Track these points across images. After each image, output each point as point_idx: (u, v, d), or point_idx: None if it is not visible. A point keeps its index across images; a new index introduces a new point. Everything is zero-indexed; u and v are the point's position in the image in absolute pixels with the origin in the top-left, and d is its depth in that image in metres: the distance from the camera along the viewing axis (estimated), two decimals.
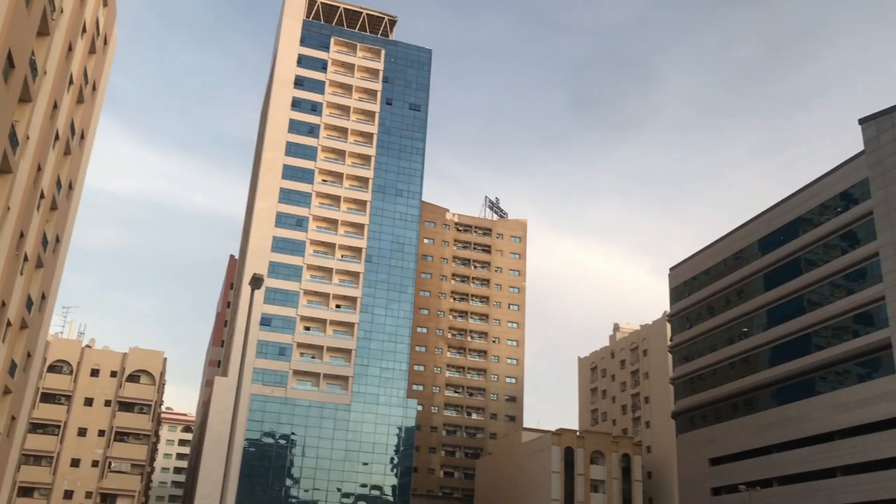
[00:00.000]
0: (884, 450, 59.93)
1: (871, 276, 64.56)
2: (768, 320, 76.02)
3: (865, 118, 66.25)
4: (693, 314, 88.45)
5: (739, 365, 79.41)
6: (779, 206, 76.92)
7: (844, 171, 69.11)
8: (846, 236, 68.27)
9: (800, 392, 70.55)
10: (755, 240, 79.56)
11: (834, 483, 64.86)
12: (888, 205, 62.80)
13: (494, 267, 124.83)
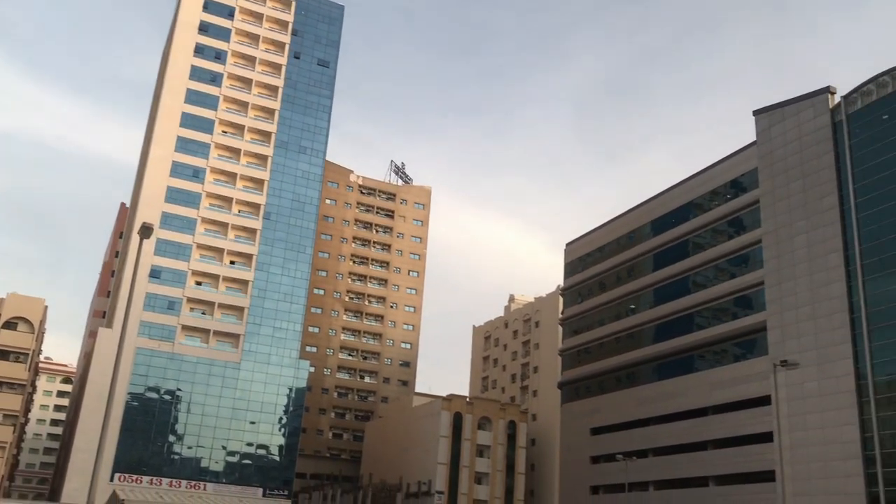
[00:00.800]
0: (751, 426, 63.53)
1: (752, 262, 67.85)
2: (655, 299, 78.96)
3: (759, 110, 69.10)
4: (585, 289, 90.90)
5: (625, 340, 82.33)
6: (672, 190, 79.62)
7: (736, 159, 72.03)
8: (733, 222, 71.41)
9: (679, 368, 73.80)
10: (648, 221, 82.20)
11: (705, 455, 68.42)
12: (774, 195, 65.91)
13: (396, 232, 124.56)
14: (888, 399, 54.68)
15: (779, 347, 61.22)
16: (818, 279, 60.49)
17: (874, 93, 60.00)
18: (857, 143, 60.25)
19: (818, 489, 56.52)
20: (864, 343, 56.38)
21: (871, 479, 53.93)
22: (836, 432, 56.50)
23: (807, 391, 58.96)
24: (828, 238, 60.53)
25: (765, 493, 60.34)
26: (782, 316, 62.54)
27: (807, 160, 63.65)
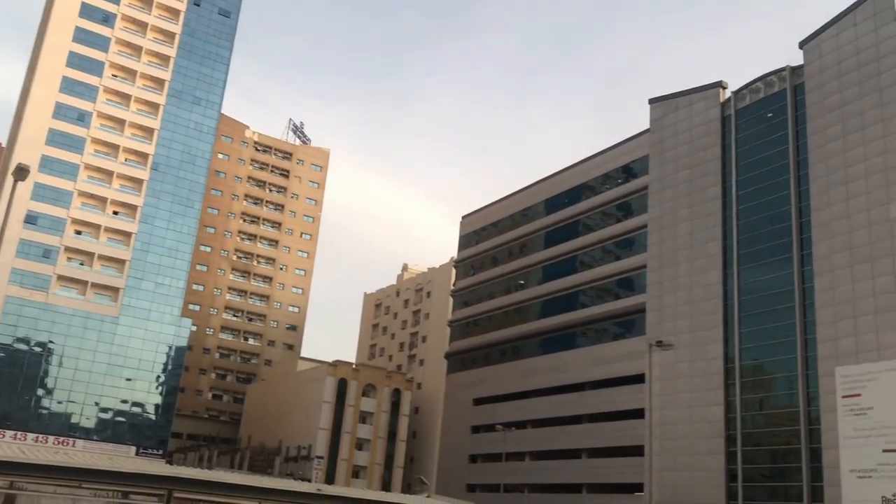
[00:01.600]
0: (625, 402, 66.25)
1: (637, 246, 70.36)
2: (544, 275, 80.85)
3: (654, 99, 71.27)
4: (478, 262, 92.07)
5: (513, 314, 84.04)
6: (567, 171, 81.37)
7: (630, 145, 74.22)
8: (622, 206, 73.74)
9: (562, 344, 76.03)
10: (542, 199, 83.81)
11: (580, 429, 70.98)
12: (662, 182, 68.34)
13: (291, 193, 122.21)
14: (752, 382, 58.07)
15: (656, 329, 63.88)
16: (697, 266, 63.30)
17: (762, 91, 62.86)
18: (743, 138, 63.10)
19: (683, 465, 59.61)
20: (734, 329, 59.53)
21: (731, 457, 57.29)
22: (703, 412, 59.61)
23: (679, 371, 61.88)
24: (709, 227, 63.33)
25: (633, 466, 63.16)
26: (661, 299, 65.22)
27: (695, 151, 66.20)
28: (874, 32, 54.96)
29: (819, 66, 58.30)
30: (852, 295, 52.01)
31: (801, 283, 56.10)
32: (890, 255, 50.51)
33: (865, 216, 52.55)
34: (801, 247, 56.87)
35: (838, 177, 54.88)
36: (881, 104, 53.41)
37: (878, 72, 54.11)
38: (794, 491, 53.17)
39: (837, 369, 51.65)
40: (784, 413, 55.74)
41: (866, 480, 48.38)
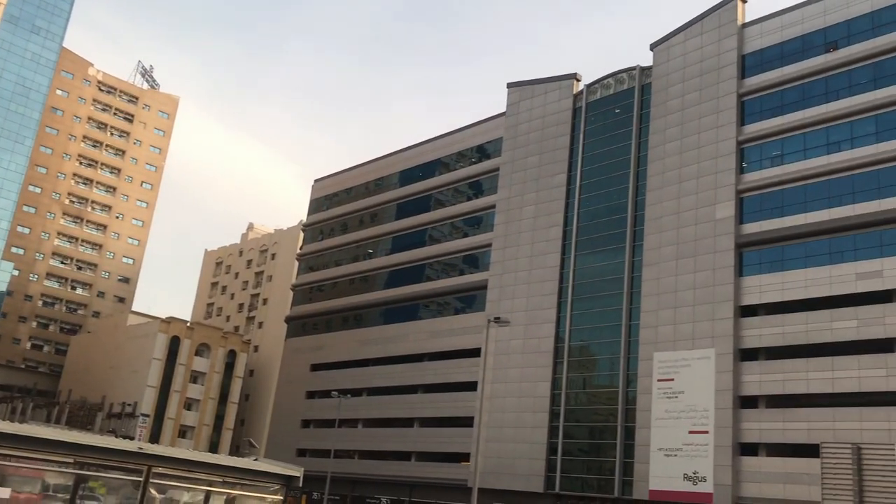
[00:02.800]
0: (459, 374, 68.10)
1: (484, 225, 72.14)
2: (392, 246, 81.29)
3: (512, 83, 72.98)
4: (327, 228, 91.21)
5: (358, 282, 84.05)
6: (424, 145, 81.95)
7: (486, 126, 75.66)
8: (473, 185, 75.24)
9: (405, 315, 76.91)
10: (397, 171, 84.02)
11: (415, 398, 72.32)
12: (513, 165, 70.29)
13: (134, 139, 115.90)
14: (579, 362, 61.26)
15: (495, 305, 65.94)
16: (538, 248, 65.76)
17: (612, 87, 65.79)
18: (591, 131, 65.89)
19: (509, 436, 62.14)
20: (566, 311, 62.44)
21: (553, 431, 60.31)
22: (531, 387, 62.30)
23: (512, 348, 64.27)
24: (552, 213, 65.86)
25: (461, 437, 65.18)
26: (502, 277, 67.35)
27: (546, 138, 68.48)
28: (717, 43, 58.75)
29: (666, 69, 61.68)
30: (675, 287, 55.80)
31: (631, 273, 59.56)
32: (712, 252, 54.52)
33: (694, 214, 56.37)
34: (633, 238, 60.29)
35: (673, 175, 58.49)
36: (717, 111, 57.29)
37: (717, 80, 57.95)
38: (608, 466, 56.76)
39: (656, 354, 55.39)
40: (605, 392, 59.24)
41: (672, 458, 52.38)
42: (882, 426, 44.13)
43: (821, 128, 52.30)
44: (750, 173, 54.99)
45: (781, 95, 54.84)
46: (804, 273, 50.36)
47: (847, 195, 49.87)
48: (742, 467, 49.56)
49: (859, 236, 48.70)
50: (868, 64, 50.95)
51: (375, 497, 73.23)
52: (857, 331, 46.94)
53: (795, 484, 46.20)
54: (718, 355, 52.05)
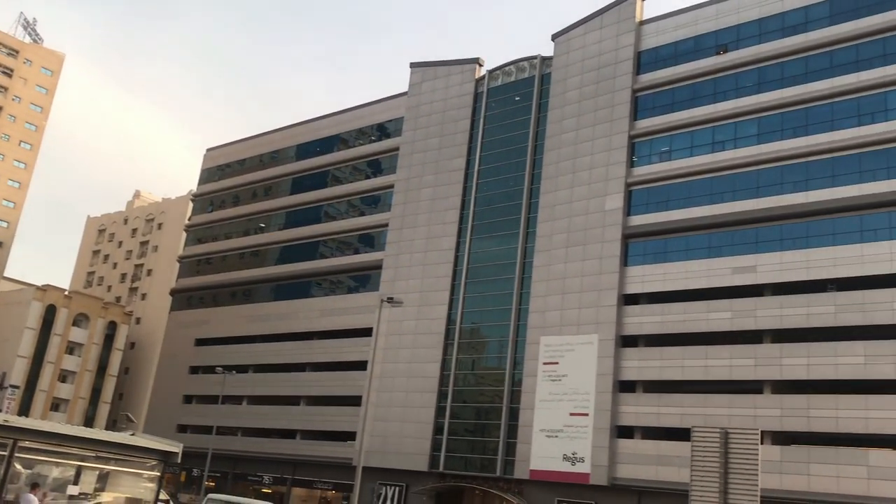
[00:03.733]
0: (349, 354, 67.83)
1: (382, 204, 71.88)
2: (286, 221, 79.87)
3: (416, 63, 72.79)
4: (218, 199, 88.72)
5: (249, 257, 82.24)
6: (323, 119, 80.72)
7: (387, 104, 75.20)
8: (372, 164, 74.77)
9: (296, 292, 75.86)
10: (294, 144, 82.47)
11: (302, 377, 71.58)
12: (412, 146, 70.23)
13: (13, 95, 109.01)
14: (468, 344, 62.12)
15: (389, 286, 65.93)
16: (434, 230, 66.08)
17: (513, 74, 66.59)
18: (491, 116, 66.55)
19: (396, 416, 62.46)
20: (459, 293, 63.12)
21: (440, 411, 61.02)
22: (421, 368, 62.75)
23: (404, 328, 64.50)
24: (450, 196, 66.27)
25: (348, 416, 65.06)
26: (398, 258, 67.37)
27: (447, 121, 68.72)
28: (615, 38, 60.33)
29: (566, 60, 62.89)
30: (564, 273, 57.27)
31: (523, 258, 60.70)
32: (600, 241, 56.20)
33: (585, 205, 57.92)
34: (527, 225, 61.44)
35: (567, 165, 59.86)
36: (612, 105, 58.91)
37: (613, 75, 59.55)
38: (492, 446, 57.94)
39: (542, 338, 56.78)
40: (492, 374, 60.34)
41: (553, 439, 53.95)
42: (749, 412, 46.82)
43: (707, 127, 54.62)
44: (639, 167, 56.91)
45: (673, 93, 56.90)
46: (684, 265, 52.65)
47: (728, 193, 52.35)
48: (618, 449, 51.57)
49: (737, 233, 51.26)
50: (753, 68, 53.50)
51: (257, 475, 72.26)
52: (731, 322, 49.51)
53: (667, 466, 48.45)
54: (601, 341, 53.84)
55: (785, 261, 48.61)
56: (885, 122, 47.22)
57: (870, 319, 44.59)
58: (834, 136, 48.79)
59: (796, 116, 50.86)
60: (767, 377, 47.40)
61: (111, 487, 22.30)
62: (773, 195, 50.26)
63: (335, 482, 66.84)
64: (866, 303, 44.87)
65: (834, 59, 50.22)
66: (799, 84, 51.12)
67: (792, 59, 51.91)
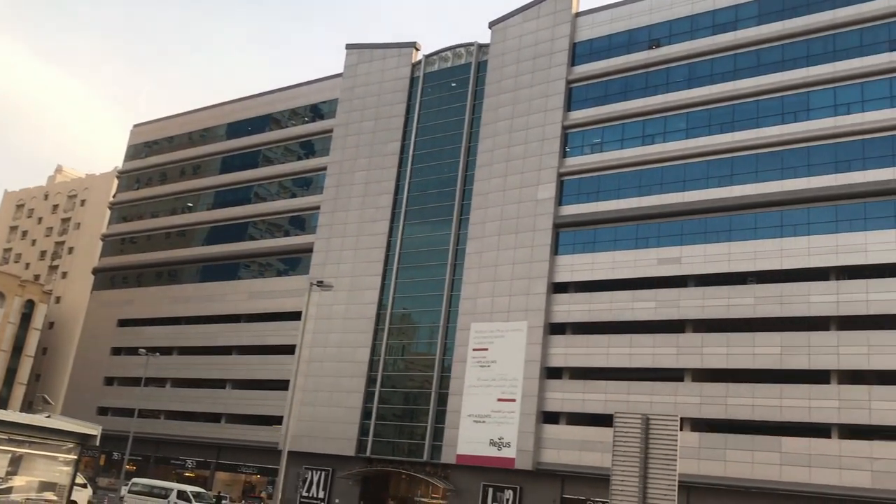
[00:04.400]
0: (277, 337, 67.05)
1: (314, 186, 71.04)
2: (215, 201, 78.24)
3: (352, 45, 71.99)
4: (145, 177, 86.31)
5: (176, 237, 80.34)
6: (256, 98, 79.19)
7: (322, 85, 74.21)
8: (305, 145, 73.79)
9: (224, 274, 74.47)
10: (225, 122, 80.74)
11: (229, 359, 70.43)
12: (347, 129, 69.54)
13: None
14: (399, 330, 62.07)
15: (320, 269, 65.32)
16: (367, 214, 65.69)
17: (450, 60, 66.50)
18: (426, 102, 66.35)
19: (324, 400, 62.08)
20: (391, 279, 62.96)
21: (369, 397, 60.91)
22: (350, 352, 62.45)
23: (334, 312, 64.03)
24: (383, 180, 65.92)
25: (275, 399, 64.38)
26: (329, 241, 66.76)
27: (382, 104, 68.24)
28: (552, 29, 60.79)
29: (502, 48, 63.11)
30: (496, 261, 57.69)
31: (456, 245, 60.89)
32: (532, 230, 56.76)
33: (518, 193, 58.38)
34: (460, 212, 61.61)
35: (501, 154, 60.18)
36: (546, 95, 59.41)
37: (549, 65, 60.04)
38: (419, 431, 58.15)
39: (473, 325, 57.16)
40: (422, 360, 60.48)
41: (480, 425, 54.46)
42: (670, 399, 48.13)
43: (638, 120, 55.63)
44: (571, 158, 57.63)
45: (606, 86, 57.72)
46: (612, 255, 53.65)
47: (656, 185, 53.49)
48: (543, 434, 52.39)
49: (663, 224, 52.45)
50: (684, 64, 54.66)
51: (180, 459, 70.97)
52: (655, 311, 50.71)
53: (590, 451, 49.46)
54: (530, 328, 54.50)
55: (708, 253, 50.00)
56: (807, 122, 48.89)
57: (787, 312, 46.26)
58: (758, 134, 50.29)
59: (723, 113, 52.22)
60: (688, 365, 48.77)
61: (24, 471, 21.52)
62: (699, 189, 51.56)
63: (260, 466, 66.18)
64: (784, 295, 46.55)
65: (761, 57, 51.70)
66: (727, 81, 52.48)
67: (721, 56, 53.23)
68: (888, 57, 47.00)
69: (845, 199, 46.42)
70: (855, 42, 48.45)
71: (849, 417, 43.13)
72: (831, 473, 42.72)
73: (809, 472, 43.31)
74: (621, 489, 21.69)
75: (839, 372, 44.20)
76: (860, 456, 42.29)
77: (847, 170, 46.72)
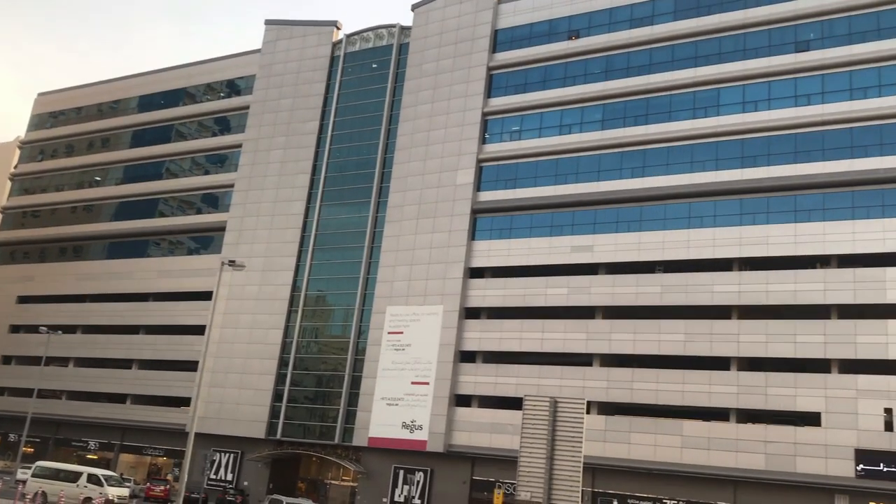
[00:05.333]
0: (186, 317, 65.46)
1: (228, 164, 69.46)
2: (124, 176, 75.63)
3: (271, 21, 70.47)
4: (50, 148, 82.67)
5: (82, 211, 77.33)
6: (171, 71, 76.74)
7: (239, 60, 72.45)
8: (220, 121, 71.98)
9: (132, 251, 72.18)
10: (137, 95, 78.01)
11: (136, 339, 68.40)
12: (264, 106, 68.15)
13: None
14: (313, 312, 61.47)
15: (233, 248, 63.98)
16: (283, 194, 64.64)
17: (371, 41, 65.87)
18: (347, 82, 65.60)
19: (234, 382, 61.02)
20: (306, 260, 62.23)
21: (281, 379, 60.19)
22: (262, 334, 61.51)
23: (247, 293, 62.91)
24: (301, 160, 64.95)
25: (183, 381, 62.95)
26: (243, 220, 65.45)
27: (301, 83, 67.12)
28: (474, 14, 60.89)
29: (425, 31, 62.88)
30: (413, 245, 57.69)
31: (374, 228, 60.61)
32: (450, 215, 56.97)
33: (437, 177, 58.46)
34: (379, 194, 61.31)
35: (421, 138, 60.09)
36: (467, 81, 59.57)
37: (470, 51, 60.16)
38: (332, 413, 57.86)
39: (389, 308, 57.08)
40: (336, 343, 60.09)
41: (393, 407, 54.56)
42: (578, 383, 49.23)
43: (556, 109, 56.37)
44: (490, 144, 58.01)
45: (526, 74, 58.25)
46: (528, 242, 54.37)
47: (571, 175, 54.41)
48: (455, 417, 52.89)
49: (577, 213, 53.44)
50: (602, 56, 55.63)
51: (82, 440, 68.69)
52: (567, 297, 51.71)
53: (500, 433, 50.23)
54: (446, 312, 54.80)
55: (619, 242, 51.23)
56: (717, 117, 50.52)
57: (691, 300, 47.90)
58: (670, 127, 51.68)
59: (638, 106, 53.46)
60: (597, 351, 49.97)
61: None
62: (613, 179, 52.71)
63: (166, 448, 64.73)
64: (689, 285, 48.16)
65: (675, 53, 53.09)
66: (642, 75, 53.67)
67: (637, 50, 54.39)
68: (793, 58, 48.95)
69: (750, 193, 48.26)
70: (763, 42, 50.26)
71: (746, 402, 45.06)
72: (728, 456, 44.58)
73: (708, 454, 45.10)
74: (528, 470, 22.15)
75: (738, 359, 46.10)
76: (755, 439, 44.27)
77: (753, 165, 48.54)
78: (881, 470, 40.82)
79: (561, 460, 21.78)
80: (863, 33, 47.29)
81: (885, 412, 41.62)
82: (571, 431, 21.84)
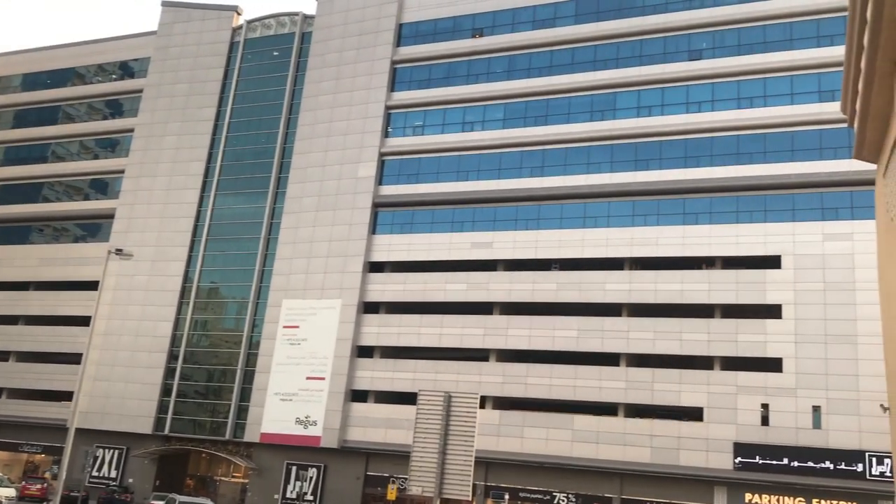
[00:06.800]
0: (69, 308, 62.38)
1: (120, 149, 66.65)
2: (5, 158, 71.57)
3: (169, 2, 67.97)
4: None
5: None
6: (59, 49, 72.94)
7: (133, 42, 69.60)
8: (112, 104, 68.98)
9: (12, 237, 68.40)
10: (21, 72, 73.81)
11: (13, 330, 64.80)
12: (158, 90, 65.69)
13: None
14: (205, 304, 59.74)
15: (121, 237, 61.39)
16: (176, 182, 62.50)
17: (273, 28, 64.46)
18: (246, 69, 63.98)
19: (120, 376, 58.63)
20: (199, 250, 60.37)
21: (170, 373, 58.22)
22: (151, 326, 59.32)
23: (135, 283, 60.53)
24: (195, 147, 62.94)
25: (65, 374, 60.12)
26: (133, 208, 62.93)
27: (198, 68, 65.04)
28: (379, 7, 60.36)
29: (328, 21, 61.99)
30: (312, 237, 56.85)
31: (271, 219, 59.37)
32: (350, 208, 56.42)
33: (338, 169, 57.77)
34: (277, 185, 60.10)
35: (322, 129, 59.25)
36: (371, 73, 59.10)
37: (374, 43, 59.73)
38: (223, 409, 56.40)
39: (285, 301, 56.06)
40: (229, 336, 58.58)
41: (287, 403, 53.63)
42: (475, 378, 49.71)
43: (459, 106, 56.66)
44: (393, 138, 57.79)
45: (430, 70, 58.28)
46: (428, 237, 54.46)
47: (473, 172, 54.82)
48: (351, 412, 52.47)
49: (478, 210, 53.91)
50: (505, 55, 56.25)
51: None
52: (465, 293, 52.10)
53: (396, 429, 50.14)
54: (344, 306, 54.27)
55: (517, 239, 51.99)
56: (612, 121, 51.89)
57: (585, 298, 49.10)
58: (568, 129, 52.76)
59: (538, 106, 54.34)
60: (494, 346, 50.57)
61: None
62: (512, 178, 53.42)
63: (46, 445, 61.60)
64: (583, 282, 49.34)
65: (575, 56, 54.21)
66: (543, 76, 54.57)
67: (539, 51, 55.25)
68: (686, 66, 50.81)
69: (642, 195, 49.84)
70: (659, 49, 51.95)
71: (634, 398, 46.56)
72: (616, 449, 45.96)
73: (597, 447, 46.36)
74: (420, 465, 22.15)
75: (627, 355, 47.57)
76: (642, 433, 45.80)
77: (645, 168, 50.16)
78: (757, 462, 42.96)
79: (453, 454, 21.83)
80: (750, 45, 49.54)
81: (761, 407, 43.82)
82: (464, 426, 21.91)
